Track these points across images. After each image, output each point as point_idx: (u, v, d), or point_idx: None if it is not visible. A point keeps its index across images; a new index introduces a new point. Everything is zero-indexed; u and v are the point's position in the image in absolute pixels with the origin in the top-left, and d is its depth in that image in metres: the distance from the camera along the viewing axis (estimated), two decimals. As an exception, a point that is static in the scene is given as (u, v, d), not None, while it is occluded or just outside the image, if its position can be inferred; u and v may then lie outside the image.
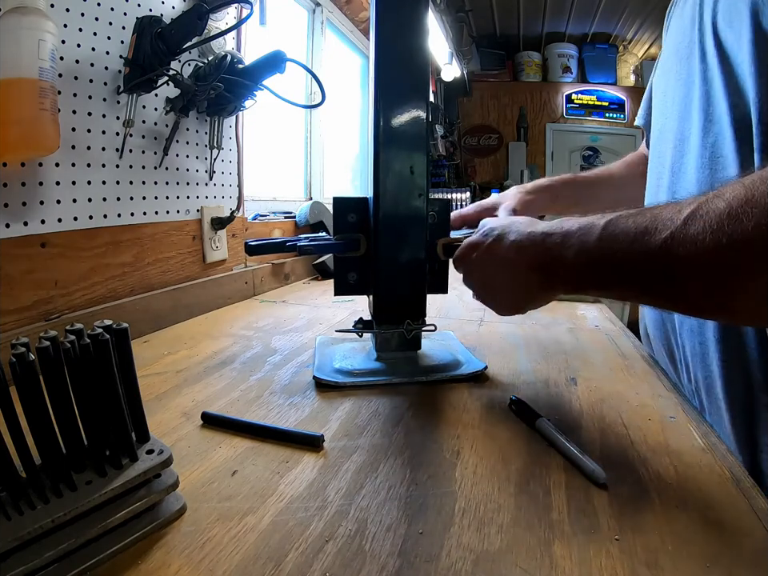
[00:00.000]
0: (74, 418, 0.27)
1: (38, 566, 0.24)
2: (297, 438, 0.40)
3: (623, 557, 0.28)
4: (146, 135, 0.71)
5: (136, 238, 0.71)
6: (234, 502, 0.32)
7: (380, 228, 0.53)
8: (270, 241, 0.61)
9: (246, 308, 0.89)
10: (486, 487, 0.34)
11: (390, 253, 0.54)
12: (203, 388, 0.51)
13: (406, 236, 0.54)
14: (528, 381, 0.54)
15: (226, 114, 0.81)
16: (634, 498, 0.33)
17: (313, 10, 1.50)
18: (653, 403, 0.49)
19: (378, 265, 0.55)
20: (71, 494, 0.27)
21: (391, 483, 0.35)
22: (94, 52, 0.62)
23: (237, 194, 0.94)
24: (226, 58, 0.70)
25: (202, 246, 0.85)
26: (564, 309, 0.92)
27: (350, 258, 0.57)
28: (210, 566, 0.27)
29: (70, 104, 0.59)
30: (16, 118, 0.48)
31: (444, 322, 0.80)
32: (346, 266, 0.57)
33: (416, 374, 0.54)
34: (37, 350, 0.25)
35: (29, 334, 0.47)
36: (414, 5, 0.51)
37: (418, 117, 0.52)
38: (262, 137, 1.23)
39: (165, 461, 0.30)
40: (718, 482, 0.35)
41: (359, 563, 0.27)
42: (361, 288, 0.58)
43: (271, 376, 0.55)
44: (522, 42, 3.88)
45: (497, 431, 0.43)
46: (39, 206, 0.56)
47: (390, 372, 0.54)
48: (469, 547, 0.29)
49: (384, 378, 0.53)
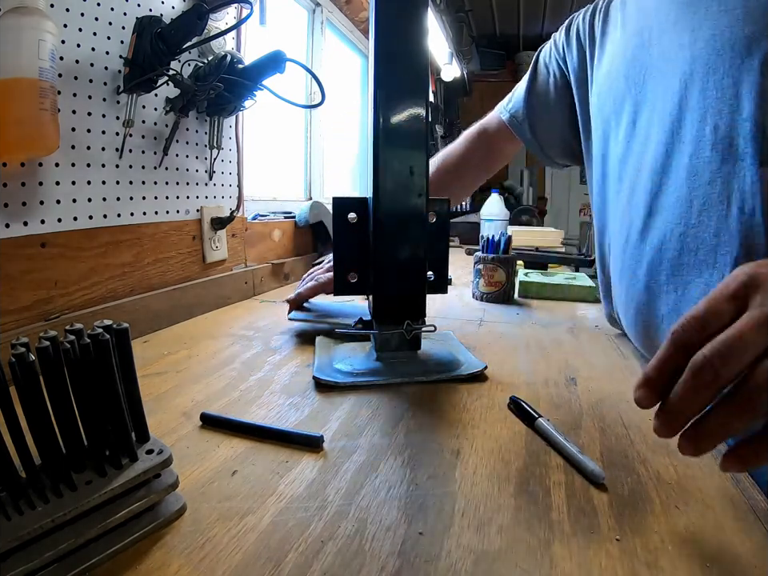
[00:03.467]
0: (73, 418, 0.27)
1: (38, 566, 0.24)
2: (296, 438, 0.40)
3: (623, 557, 0.28)
4: (145, 135, 0.71)
5: (136, 238, 0.71)
6: (234, 502, 0.32)
7: (380, 227, 0.53)
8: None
9: (245, 308, 0.89)
10: (486, 487, 0.34)
11: (389, 252, 0.54)
12: (203, 388, 0.51)
13: (406, 235, 0.54)
14: (528, 381, 0.54)
15: (225, 114, 0.81)
16: (633, 497, 0.33)
17: (313, 10, 1.50)
18: (653, 403, 0.49)
19: (377, 265, 0.55)
20: (71, 494, 0.27)
21: (391, 483, 0.35)
22: (94, 52, 0.62)
23: (237, 193, 0.94)
24: (225, 58, 0.70)
25: (201, 246, 0.85)
26: (564, 309, 0.92)
27: (350, 257, 0.57)
28: (210, 565, 0.27)
29: (69, 104, 0.59)
30: (16, 117, 0.48)
31: (444, 322, 0.80)
32: (346, 266, 0.57)
33: (416, 374, 0.54)
34: (37, 350, 0.25)
35: (29, 334, 0.47)
36: (413, 5, 0.51)
37: (417, 116, 0.52)
38: (262, 137, 1.23)
39: (165, 461, 0.30)
40: (718, 482, 0.35)
41: (359, 563, 0.27)
42: (361, 288, 0.58)
43: (271, 376, 0.55)
44: (521, 42, 3.88)
45: (497, 431, 0.43)
46: (39, 206, 0.56)
47: (389, 372, 0.54)
48: (468, 547, 0.29)
49: (384, 378, 0.53)
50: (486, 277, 0.96)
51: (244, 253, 0.98)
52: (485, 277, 0.96)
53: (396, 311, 0.56)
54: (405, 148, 0.53)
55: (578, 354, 0.65)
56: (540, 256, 1.35)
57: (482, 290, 0.97)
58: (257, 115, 0.99)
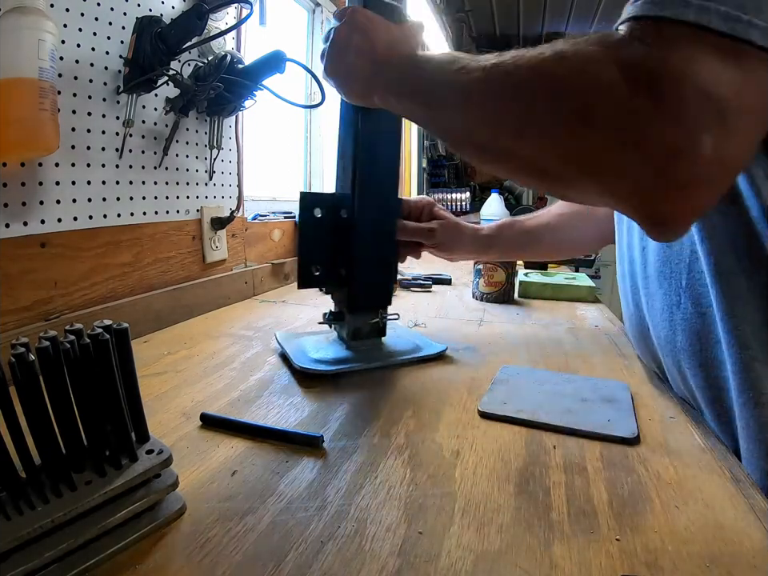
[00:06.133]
0: (73, 418, 0.27)
1: (38, 566, 0.24)
2: (296, 438, 0.40)
3: (623, 557, 0.28)
4: (145, 135, 0.71)
5: (136, 237, 0.71)
6: (234, 502, 0.32)
7: (358, 224, 0.57)
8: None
9: (245, 308, 0.89)
10: (486, 487, 0.34)
11: (366, 247, 0.58)
12: (203, 388, 0.51)
13: (381, 231, 0.59)
14: (528, 381, 0.54)
15: (225, 114, 0.81)
16: (633, 497, 0.33)
17: (313, 10, 1.50)
18: (653, 403, 0.49)
19: (355, 259, 0.58)
20: (71, 494, 0.27)
21: (391, 483, 0.35)
22: (94, 52, 0.62)
23: (237, 193, 0.93)
24: (225, 58, 0.70)
25: (201, 246, 0.85)
26: (564, 308, 0.92)
27: (315, 251, 0.59)
28: (209, 565, 0.27)
29: (69, 104, 0.59)
30: (16, 117, 0.48)
31: (444, 322, 0.80)
32: (311, 259, 0.59)
33: (388, 358, 0.59)
34: (36, 350, 0.25)
35: (28, 334, 0.47)
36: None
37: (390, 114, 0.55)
38: (262, 137, 1.23)
39: (164, 461, 0.30)
40: (718, 482, 0.35)
41: (359, 563, 0.27)
42: (323, 281, 0.60)
43: (271, 376, 0.55)
44: (521, 42, 3.88)
45: (497, 431, 0.43)
46: (39, 206, 0.56)
47: (364, 359, 0.58)
48: (468, 547, 0.29)
49: (361, 364, 0.57)
50: (485, 277, 0.96)
51: (244, 253, 0.98)
52: (485, 277, 0.96)
53: (370, 300, 0.61)
54: (380, 146, 0.56)
55: (578, 353, 0.65)
56: (540, 256, 1.35)
57: (482, 290, 0.97)
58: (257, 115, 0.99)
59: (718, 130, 0.26)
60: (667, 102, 0.26)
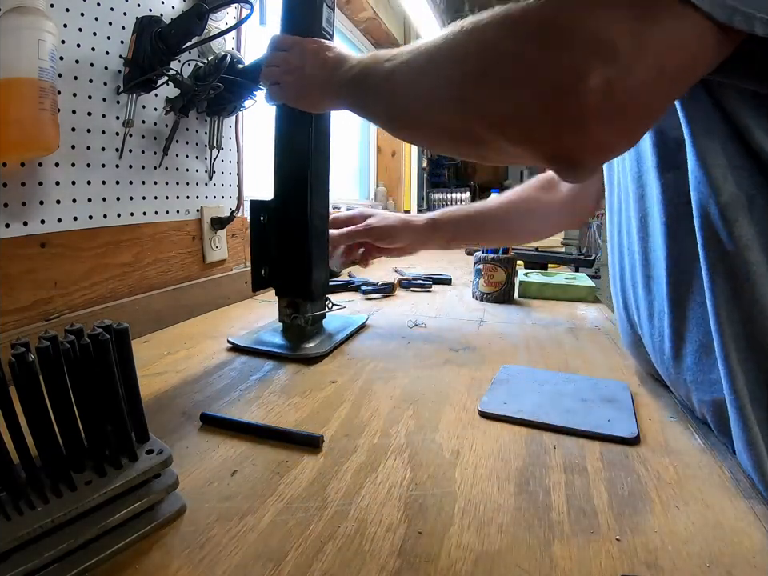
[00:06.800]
0: (73, 418, 0.27)
1: (38, 565, 0.24)
2: (296, 438, 0.40)
3: (623, 557, 0.28)
4: (145, 135, 0.71)
5: (136, 237, 0.71)
6: (234, 502, 0.32)
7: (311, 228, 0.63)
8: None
9: (245, 308, 0.89)
10: (486, 487, 0.34)
11: (319, 248, 0.66)
12: (203, 388, 0.51)
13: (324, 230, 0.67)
14: (528, 381, 0.54)
15: (225, 114, 0.81)
16: (633, 497, 0.33)
17: (313, 10, 1.50)
18: (653, 403, 0.49)
19: (312, 261, 0.64)
20: (71, 494, 0.27)
21: (391, 483, 0.35)
22: (94, 52, 0.62)
23: (237, 194, 0.93)
24: (225, 58, 0.70)
25: (201, 246, 0.85)
26: (564, 308, 0.92)
27: (262, 254, 0.65)
28: (209, 566, 0.27)
29: (69, 104, 0.59)
30: (16, 117, 0.48)
31: (444, 322, 0.80)
32: (261, 260, 0.65)
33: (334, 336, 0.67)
34: (36, 350, 0.25)
35: (28, 334, 0.47)
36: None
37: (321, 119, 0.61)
38: (262, 137, 1.22)
39: (164, 461, 0.30)
40: (718, 482, 0.35)
41: (359, 563, 0.27)
42: (271, 281, 0.66)
43: (271, 376, 0.55)
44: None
45: (497, 431, 0.43)
46: (39, 206, 0.56)
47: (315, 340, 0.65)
48: (468, 547, 0.29)
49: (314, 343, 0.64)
50: (485, 277, 0.96)
51: (244, 253, 0.98)
52: (485, 277, 0.96)
53: (323, 292, 0.68)
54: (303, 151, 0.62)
55: (578, 353, 0.65)
56: (540, 256, 1.35)
57: (482, 290, 0.97)
58: (257, 115, 0.99)
59: (607, 69, 0.27)
60: (552, 46, 0.29)
